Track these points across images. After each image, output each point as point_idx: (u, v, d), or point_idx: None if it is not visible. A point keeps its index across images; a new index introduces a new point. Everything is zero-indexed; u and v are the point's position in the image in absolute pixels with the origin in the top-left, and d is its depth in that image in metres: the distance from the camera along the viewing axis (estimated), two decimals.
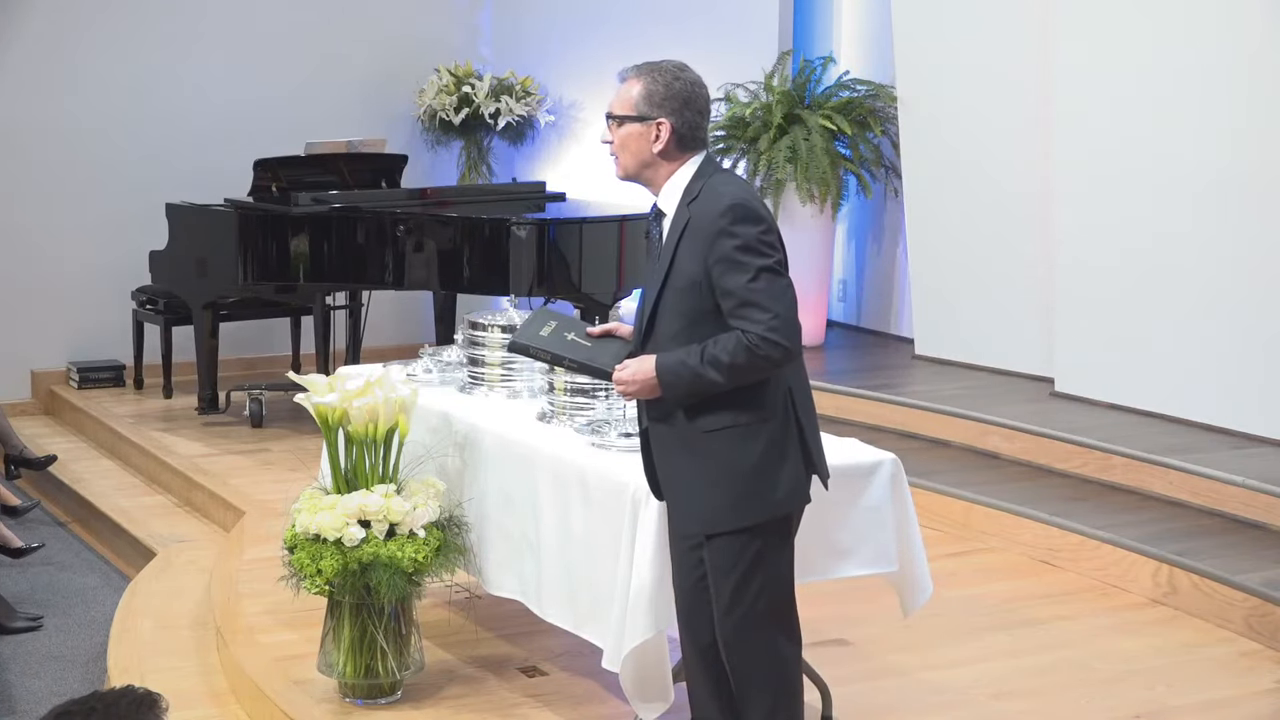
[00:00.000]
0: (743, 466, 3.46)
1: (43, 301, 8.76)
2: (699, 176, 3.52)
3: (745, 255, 3.37)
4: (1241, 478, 5.80)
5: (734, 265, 3.37)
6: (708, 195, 3.46)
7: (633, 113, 3.52)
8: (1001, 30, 7.54)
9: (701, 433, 3.48)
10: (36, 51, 8.69)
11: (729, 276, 3.38)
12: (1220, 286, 6.48)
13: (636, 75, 3.55)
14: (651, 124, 3.51)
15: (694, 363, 3.40)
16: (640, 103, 3.51)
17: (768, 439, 3.47)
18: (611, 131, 3.58)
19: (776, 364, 3.40)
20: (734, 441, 3.46)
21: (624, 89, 3.55)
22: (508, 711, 4.44)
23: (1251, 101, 6.31)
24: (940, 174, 7.84)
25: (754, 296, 3.36)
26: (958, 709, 4.54)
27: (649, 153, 3.53)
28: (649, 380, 3.45)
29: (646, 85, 3.52)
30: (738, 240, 3.37)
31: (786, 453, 3.49)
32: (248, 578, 5.49)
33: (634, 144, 3.53)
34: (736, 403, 3.44)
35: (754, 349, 3.35)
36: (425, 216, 7.53)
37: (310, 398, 4.39)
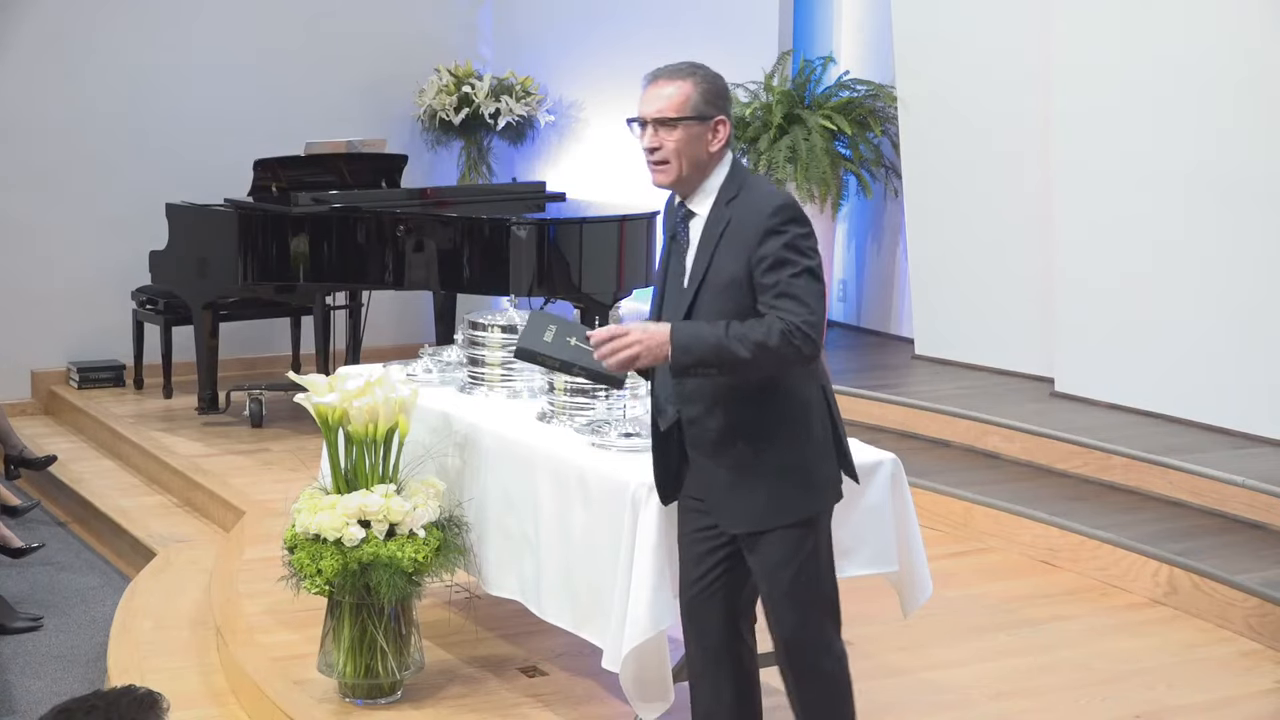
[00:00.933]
0: (792, 462, 3.46)
1: (43, 301, 8.76)
2: (733, 177, 3.50)
3: (792, 253, 3.36)
4: (1242, 478, 5.80)
5: (780, 262, 3.35)
6: (750, 196, 3.44)
7: (691, 113, 3.46)
8: (1001, 30, 7.54)
9: (740, 432, 3.46)
10: (36, 51, 8.69)
11: (773, 272, 3.36)
12: (1220, 286, 6.48)
13: (682, 76, 3.49)
14: (710, 123, 3.47)
15: (716, 334, 3.32)
16: (699, 103, 3.46)
17: (812, 436, 3.48)
18: (659, 137, 3.48)
19: (802, 359, 3.36)
20: (783, 438, 3.46)
21: (670, 91, 3.48)
22: (508, 711, 4.44)
23: (1251, 101, 6.31)
24: (940, 174, 7.84)
25: (795, 290, 3.33)
26: (958, 709, 4.54)
27: (705, 153, 3.48)
28: (657, 342, 3.34)
29: (699, 84, 3.47)
30: (786, 238, 3.36)
31: (827, 450, 3.52)
32: (248, 578, 5.49)
33: (692, 146, 3.46)
34: (779, 400, 3.44)
35: (789, 335, 3.30)
36: (425, 216, 7.54)
37: (310, 398, 4.39)
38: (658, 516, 3.82)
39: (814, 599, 3.55)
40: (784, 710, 4.26)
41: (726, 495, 3.52)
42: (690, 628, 3.69)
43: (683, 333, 3.35)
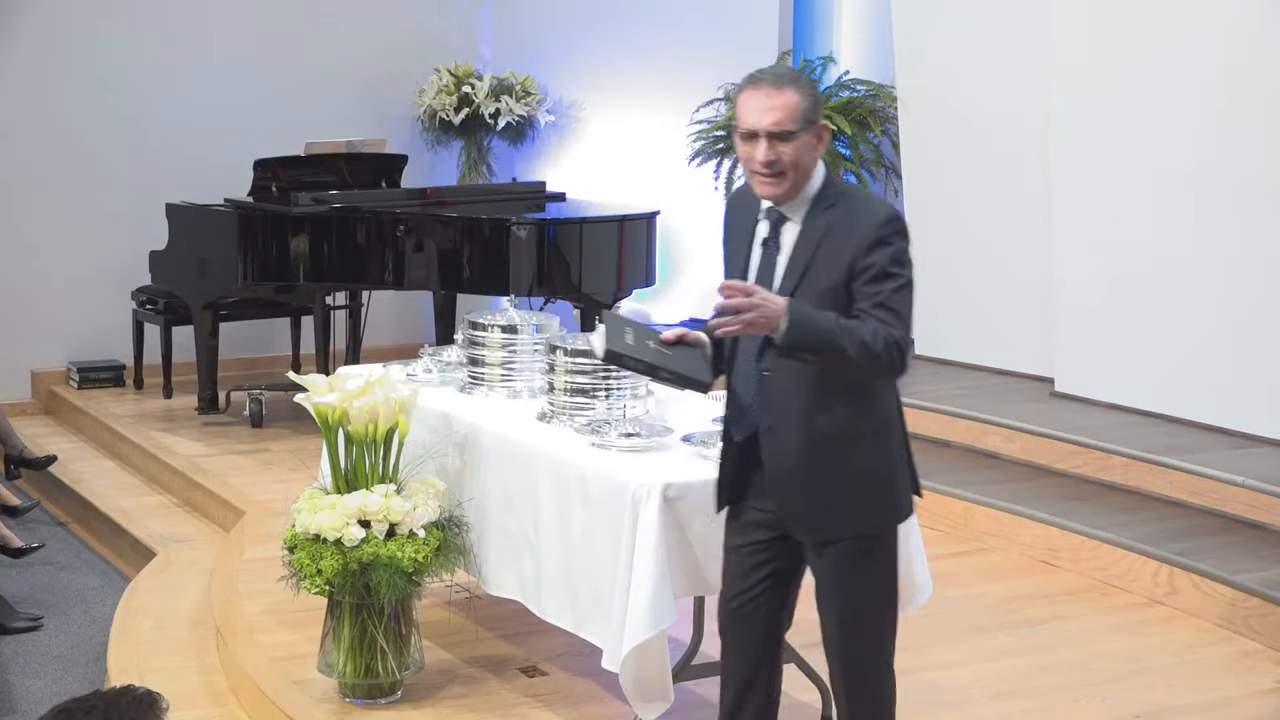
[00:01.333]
0: (874, 470, 3.45)
1: (43, 301, 8.76)
2: (828, 182, 3.45)
3: (896, 267, 3.34)
4: (1242, 478, 5.80)
5: (885, 274, 3.32)
6: (852, 204, 3.41)
7: (803, 124, 3.38)
8: (1001, 30, 7.53)
9: (824, 440, 3.41)
10: (37, 51, 8.69)
11: (877, 283, 3.33)
12: (1221, 286, 6.48)
13: (788, 84, 3.40)
14: (813, 131, 3.40)
15: (828, 321, 3.27)
16: (808, 111, 3.39)
17: (891, 446, 3.48)
18: (774, 149, 3.37)
19: (894, 372, 3.34)
20: (867, 446, 3.44)
21: (783, 101, 3.37)
22: (508, 711, 4.44)
23: (1252, 101, 6.31)
24: (940, 174, 7.84)
25: (895, 304, 3.31)
26: (958, 709, 4.54)
27: (813, 161, 3.43)
28: (773, 311, 3.23)
29: (805, 91, 3.40)
30: (892, 250, 3.33)
31: (904, 462, 3.52)
32: (248, 578, 5.49)
33: (806, 155, 3.40)
34: (864, 409, 3.43)
35: (891, 346, 3.27)
36: (425, 216, 7.54)
37: (310, 398, 4.39)
38: (658, 516, 3.82)
39: (881, 612, 3.54)
40: (782, 710, 4.28)
41: (807, 503, 3.46)
42: (730, 639, 3.65)
43: (799, 309, 3.27)
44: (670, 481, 3.87)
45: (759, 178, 3.42)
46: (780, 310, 3.24)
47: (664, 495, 3.84)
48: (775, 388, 3.43)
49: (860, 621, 3.51)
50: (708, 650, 4.37)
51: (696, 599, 4.26)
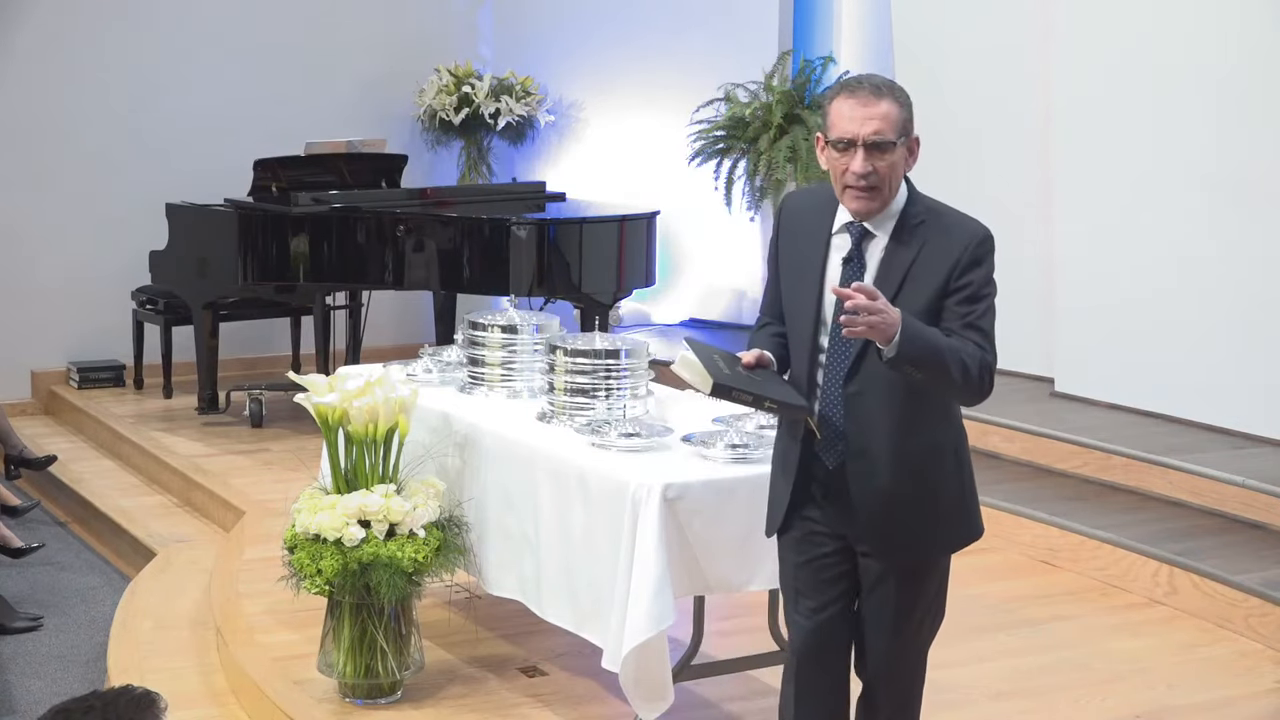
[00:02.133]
0: (956, 493, 3.41)
1: (43, 301, 8.76)
2: (914, 198, 3.37)
3: (987, 288, 3.39)
4: (1241, 478, 5.80)
5: (977, 296, 3.35)
6: (944, 222, 3.36)
7: (902, 134, 3.29)
8: (1001, 30, 7.53)
9: (916, 460, 3.34)
10: (36, 51, 8.69)
11: (970, 304, 3.33)
12: (1221, 287, 6.48)
13: (884, 93, 3.28)
14: (905, 144, 3.31)
15: (937, 338, 3.23)
16: (906, 122, 3.29)
17: (966, 464, 3.45)
18: (871, 160, 3.25)
19: (980, 396, 3.30)
20: (949, 468, 3.40)
21: (879, 110, 3.25)
22: (508, 711, 4.44)
23: (1252, 101, 6.31)
24: (939, 174, 7.81)
25: (986, 326, 3.34)
26: (958, 709, 4.54)
27: (902, 173, 3.34)
28: (893, 320, 3.14)
29: (901, 102, 3.29)
30: (983, 271, 3.37)
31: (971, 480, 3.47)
32: (248, 578, 5.49)
33: (900, 167, 3.31)
34: (945, 426, 3.40)
35: (985, 370, 3.29)
36: (425, 216, 7.54)
37: (310, 398, 4.39)
38: (658, 516, 3.82)
39: (934, 627, 3.56)
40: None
41: (898, 526, 3.36)
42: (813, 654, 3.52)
43: (911, 322, 3.19)
44: (670, 481, 3.87)
45: (852, 192, 3.28)
46: (896, 320, 3.15)
47: (664, 495, 3.84)
48: (863, 409, 3.32)
49: (916, 638, 3.52)
50: (708, 650, 4.37)
51: (696, 599, 4.26)
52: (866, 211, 3.30)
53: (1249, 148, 6.33)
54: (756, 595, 4.39)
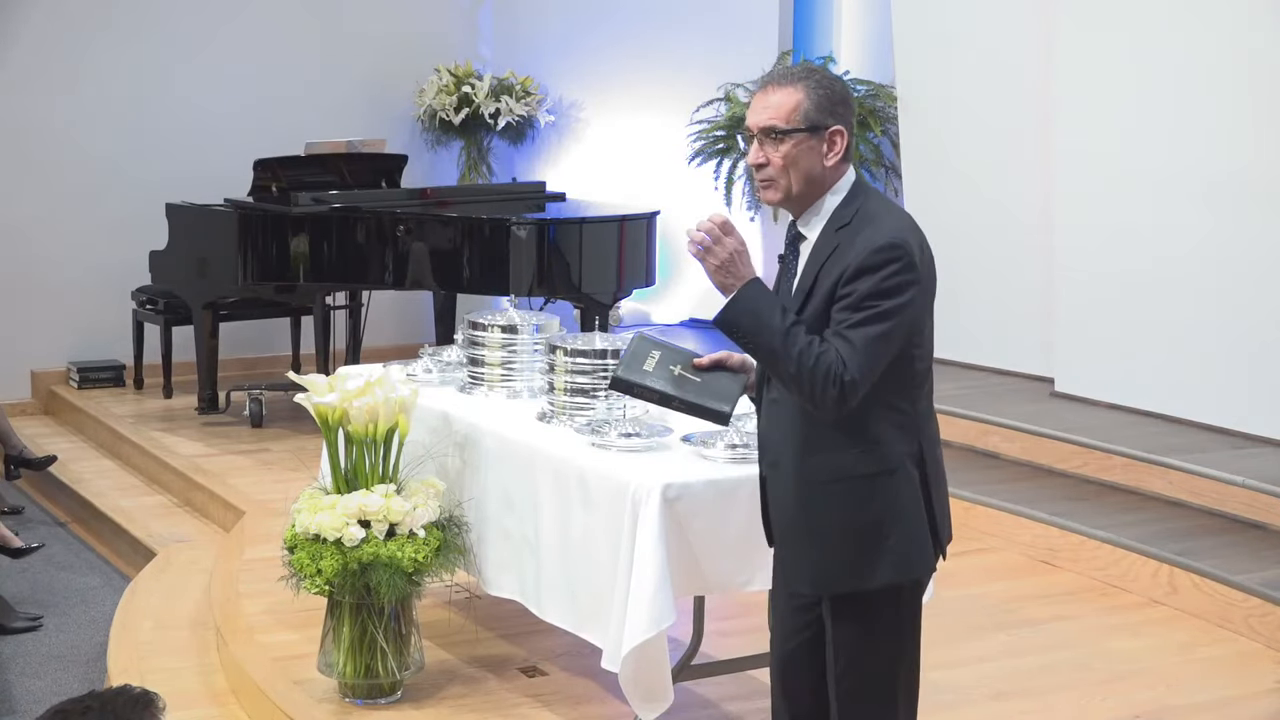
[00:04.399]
0: (877, 521, 3.11)
1: (43, 301, 8.76)
2: (851, 198, 3.15)
3: (874, 300, 3.04)
4: (1241, 478, 5.80)
5: (858, 306, 3.03)
6: (864, 223, 3.10)
7: (803, 124, 3.10)
8: (1002, 30, 7.53)
9: (817, 483, 3.13)
10: (37, 51, 8.69)
11: (848, 312, 3.04)
12: (1221, 286, 6.48)
13: (792, 81, 3.13)
14: (824, 133, 3.11)
15: (776, 314, 3.03)
16: (811, 111, 3.10)
17: (901, 494, 3.13)
18: (764, 150, 3.12)
19: (820, 407, 3.02)
20: (867, 492, 3.11)
21: (779, 98, 3.11)
22: (508, 711, 4.44)
23: (1252, 103, 6.31)
24: (940, 174, 7.84)
25: (857, 339, 3.01)
26: (958, 709, 4.54)
27: (820, 167, 3.12)
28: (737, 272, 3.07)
29: (812, 90, 3.11)
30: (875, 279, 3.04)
31: (905, 514, 3.14)
32: (248, 578, 5.49)
33: (806, 159, 3.10)
34: (868, 450, 3.11)
35: (829, 379, 2.98)
36: (425, 216, 7.54)
37: (310, 398, 4.38)
38: (658, 516, 3.82)
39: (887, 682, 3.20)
40: None
41: (803, 552, 3.19)
42: (778, 687, 3.38)
43: (755, 290, 3.07)
44: (670, 481, 3.87)
45: (756, 184, 3.21)
46: (740, 278, 3.08)
47: (664, 495, 3.84)
48: (778, 419, 3.19)
49: (861, 688, 3.19)
50: (708, 650, 4.37)
51: (696, 599, 4.26)
52: (770, 203, 3.20)
53: (1250, 148, 6.33)
54: (756, 595, 4.38)
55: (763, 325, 3.05)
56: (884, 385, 3.09)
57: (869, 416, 3.10)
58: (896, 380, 3.11)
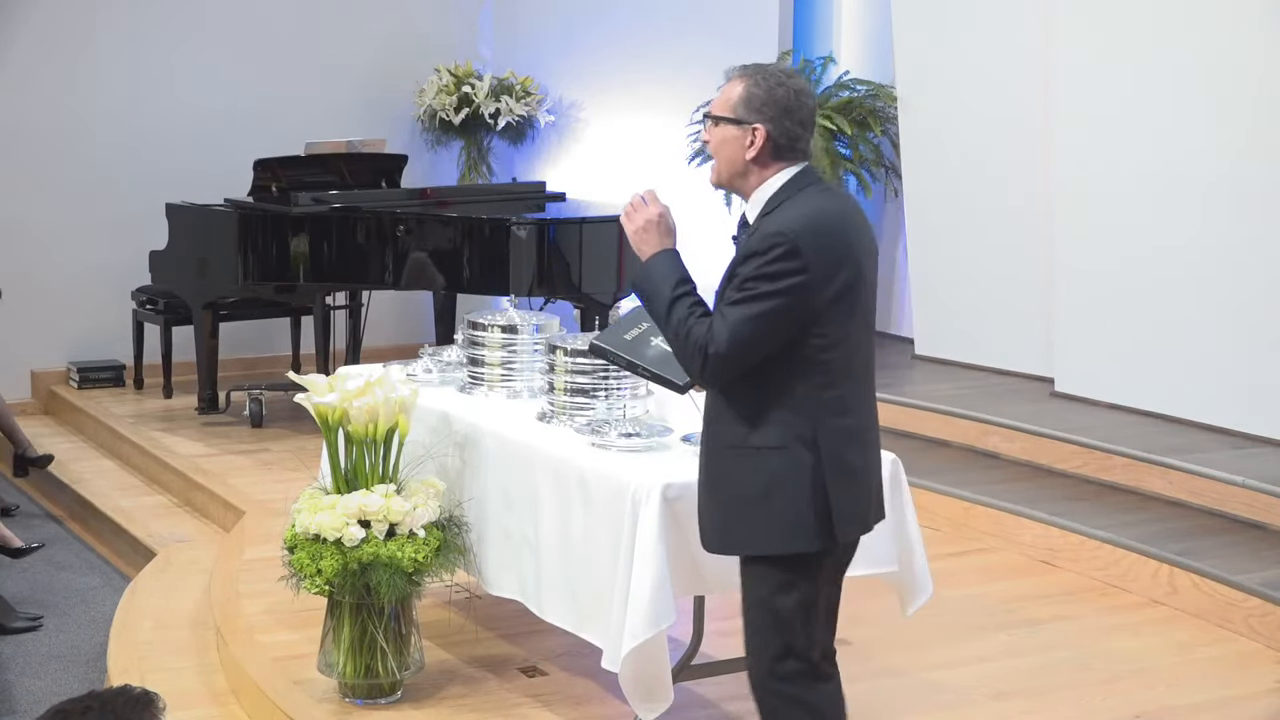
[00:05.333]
0: (763, 491, 3.31)
1: (43, 301, 8.76)
2: (785, 190, 3.35)
3: (754, 284, 3.23)
4: (1241, 478, 5.80)
5: (741, 286, 3.25)
6: (778, 215, 3.30)
7: (730, 115, 3.36)
8: (1002, 31, 7.54)
9: (716, 449, 3.38)
10: (37, 51, 8.69)
11: (732, 290, 3.27)
12: (1221, 287, 6.48)
13: (740, 75, 3.39)
14: (747, 129, 3.34)
15: (672, 282, 3.34)
16: (739, 105, 3.35)
17: (792, 469, 3.29)
18: (708, 131, 3.43)
19: (691, 374, 3.36)
20: (741, 464, 3.33)
21: (726, 89, 3.40)
22: (508, 711, 4.44)
23: (1253, 104, 6.31)
24: (940, 174, 7.84)
25: (732, 316, 3.24)
26: (958, 709, 4.54)
27: (741, 159, 3.36)
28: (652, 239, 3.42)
29: (748, 88, 3.35)
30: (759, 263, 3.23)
31: (789, 491, 3.30)
32: (248, 578, 5.49)
33: (728, 149, 3.37)
34: (761, 424, 3.30)
35: (697, 348, 3.26)
36: (425, 216, 7.54)
37: (310, 398, 4.38)
38: (658, 516, 3.82)
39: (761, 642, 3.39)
40: None
41: (704, 514, 3.46)
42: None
43: (666, 258, 3.40)
44: (670, 481, 3.87)
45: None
46: (654, 246, 3.41)
47: (664, 495, 3.84)
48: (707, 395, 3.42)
49: (749, 643, 3.41)
50: (708, 650, 4.37)
51: (696, 599, 4.26)
52: (711, 183, 3.46)
53: (1250, 148, 6.33)
54: None
55: (658, 292, 3.36)
56: (778, 367, 3.29)
57: (763, 394, 3.30)
58: (791, 365, 3.29)
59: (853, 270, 3.32)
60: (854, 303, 3.33)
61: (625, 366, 3.74)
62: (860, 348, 3.40)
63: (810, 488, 3.31)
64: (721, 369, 3.26)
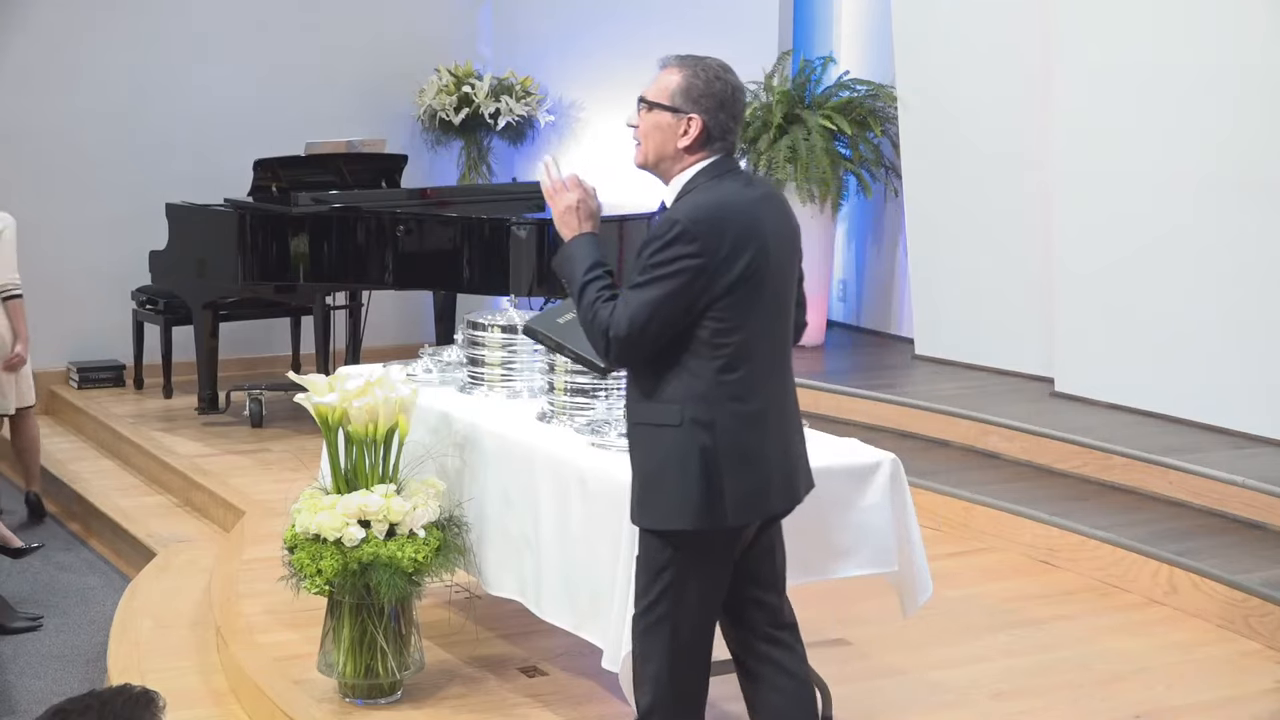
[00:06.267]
0: (660, 468, 3.41)
1: (43, 301, 8.74)
2: (700, 177, 3.44)
3: (651, 269, 3.32)
4: (1241, 478, 5.80)
5: (641, 268, 3.35)
6: (683, 201, 3.42)
7: (666, 102, 3.45)
8: (1001, 30, 7.54)
9: (629, 424, 3.51)
10: (37, 51, 8.69)
11: (636, 273, 3.37)
12: (1221, 287, 6.48)
13: (679, 65, 3.48)
14: (683, 118, 3.43)
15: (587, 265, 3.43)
16: (677, 94, 3.44)
17: (687, 449, 3.37)
18: (640, 116, 3.51)
19: (600, 355, 3.43)
20: (645, 440, 3.44)
21: (663, 75, 3.49)
22: (508, 711, 4.44)
23: (1252, 102, 6.31)
24: (940, 174, 7.84)
25: (632, 299, 3.33)
26: (958, 709, 4.54)
27: (672, 146, 3.45)
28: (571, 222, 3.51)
29: (687, 78, 3.44)
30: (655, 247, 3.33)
31: (683, 468, 3.37)
32: (248, 578, 5.49)
33: (659, 134, 3.46)
34: (661, 404, 3.40)
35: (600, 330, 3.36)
36: (425, 216, 7.54)
37: (310, 398, 4.38)
38: None
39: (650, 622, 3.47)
40: None
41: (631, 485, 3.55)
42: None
43: (581, 241, 3.49)
44: None
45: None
46: (573, 229, 3.51)
47: None
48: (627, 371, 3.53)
49: (641, 618, 3.50)
50: None
51: None
52: (636, 164, 3.53)
53: (1249, 147, 6.33)
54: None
55: (572, 275, 3.46)
56: (678, 348, 3.37)
57: (664, 374, 3.39)
58: (689, 347, 3.37)
59: (758, 256, 3.38)
60: (758, 288, 3.39)
61: (553, 348, 3.89)
62: (767, 333, 3.45)
63: (701, 468, 3.37)
64: (623, 351, 3.36)
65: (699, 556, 3.45)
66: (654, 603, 3.46)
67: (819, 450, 4.30)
